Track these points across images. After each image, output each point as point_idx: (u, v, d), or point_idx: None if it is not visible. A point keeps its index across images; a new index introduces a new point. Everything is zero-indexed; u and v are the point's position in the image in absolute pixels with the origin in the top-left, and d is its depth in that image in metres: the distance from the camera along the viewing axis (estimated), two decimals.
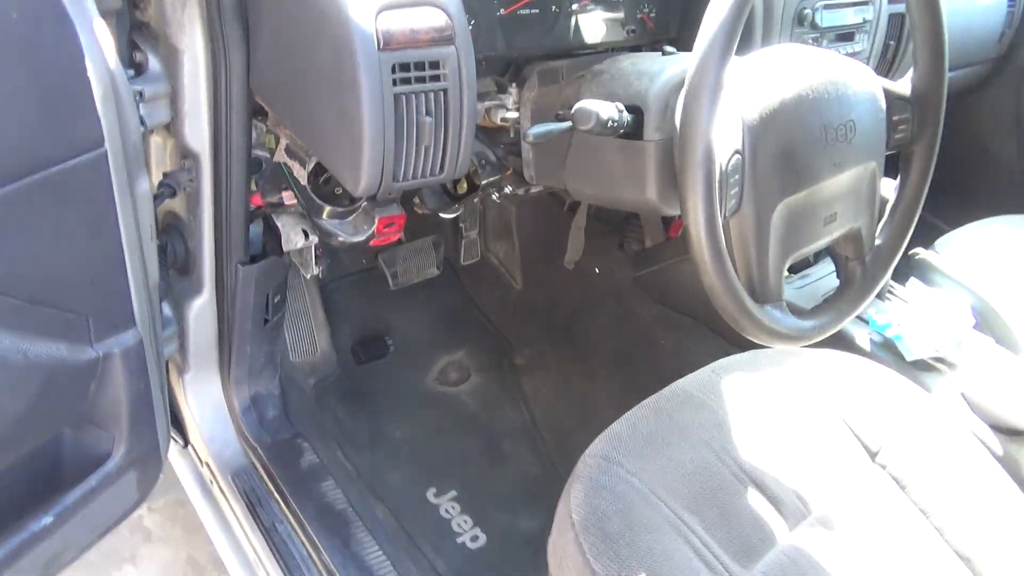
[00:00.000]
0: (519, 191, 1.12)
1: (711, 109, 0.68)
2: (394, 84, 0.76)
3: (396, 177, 0.80)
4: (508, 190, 1.13)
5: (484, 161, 1.06)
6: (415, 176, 0.81)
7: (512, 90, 0.99)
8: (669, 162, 0.76)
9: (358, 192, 0.80)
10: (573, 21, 1.00)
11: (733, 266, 0.73)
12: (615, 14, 1.03)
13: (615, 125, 0.75)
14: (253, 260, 1.08)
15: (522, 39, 0.97)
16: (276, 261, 1.11)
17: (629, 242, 1.46)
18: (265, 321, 1.16)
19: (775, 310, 0.77)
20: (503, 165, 1.07)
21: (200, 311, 1.10)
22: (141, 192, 0.84)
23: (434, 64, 0.78)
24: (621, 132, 0.77)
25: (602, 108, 0.74)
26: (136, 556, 1.44)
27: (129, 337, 0.86)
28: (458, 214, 1.24)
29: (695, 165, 0.68)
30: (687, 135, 0.69)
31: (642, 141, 0.78)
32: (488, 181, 1.07)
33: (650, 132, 0.77)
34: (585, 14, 1.00)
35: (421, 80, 0.77)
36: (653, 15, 1.06)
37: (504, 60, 1.00)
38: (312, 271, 1.13)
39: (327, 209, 1.01)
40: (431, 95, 0.78)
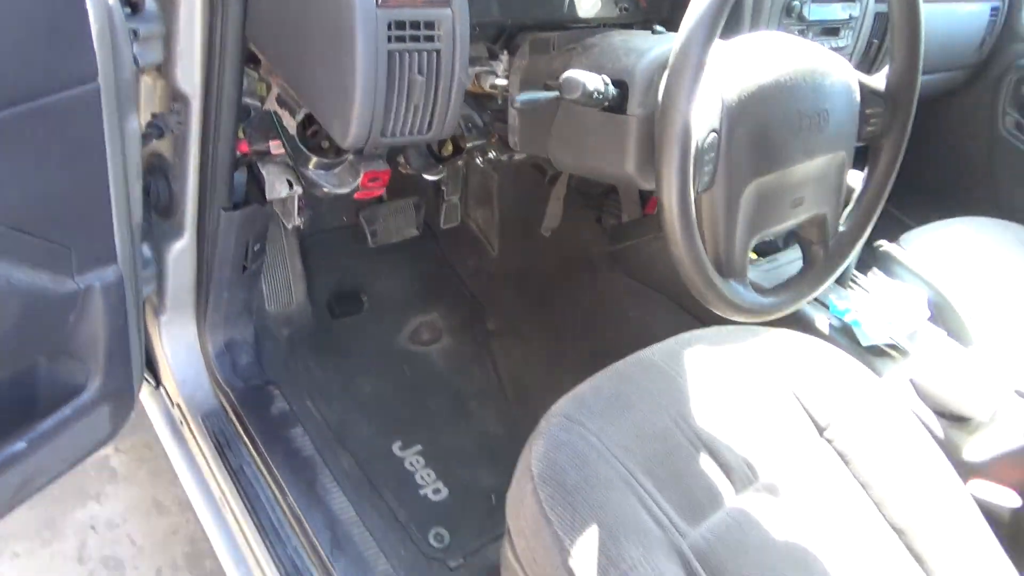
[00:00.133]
0: (503, 157, 1.14)
1: (692, 87, 0.70)
2: (389, 41, 0.77)
3: (384, 132, 0.81)
4: (492, 155, 1.14)
5: (471, 125, 1.07)
6: (403, 133, 0.83)
7: (503, 57, 1.00)
8: (649, 138, 0.77)
9: (346, 144, 0.82)
10: None
11: (702, 240, 0.75)
12: None
13: (600, 97, 0.76)
14: (235, 207, 1.09)
15: (517, 6, 0.98)
16: (258, 209, 1.12)
17: (607, 217, 1.48)
18: (244, 268, 1.17)
19: (738, 285, 0.80)
20: (489, 130, 1.09)
21: (180, 254, 1.10)
22: (130, 130, 0.85)
23: (429, 24, 0.79)
24: (606, 105, 0.78)
25: (589, 79, 0.75)
26: (101, 495, 1.46)
27: (110, 273, 0.87)
28: (441, 176, 1.26)
29: (672, 140, 0.70)
30: (667, 110, 0.71)
31: (625, 115, 0.79)
32: (473, 144, 1.09)
33: (633, 107, 0.79)
34: None
35: (416, 39, 0.79)
36: None
37: (497, 27, 1.02)
38: (294, 221, 1.14)
39: (314, 160, 1.02)
40: (424, 55, 0.80)
